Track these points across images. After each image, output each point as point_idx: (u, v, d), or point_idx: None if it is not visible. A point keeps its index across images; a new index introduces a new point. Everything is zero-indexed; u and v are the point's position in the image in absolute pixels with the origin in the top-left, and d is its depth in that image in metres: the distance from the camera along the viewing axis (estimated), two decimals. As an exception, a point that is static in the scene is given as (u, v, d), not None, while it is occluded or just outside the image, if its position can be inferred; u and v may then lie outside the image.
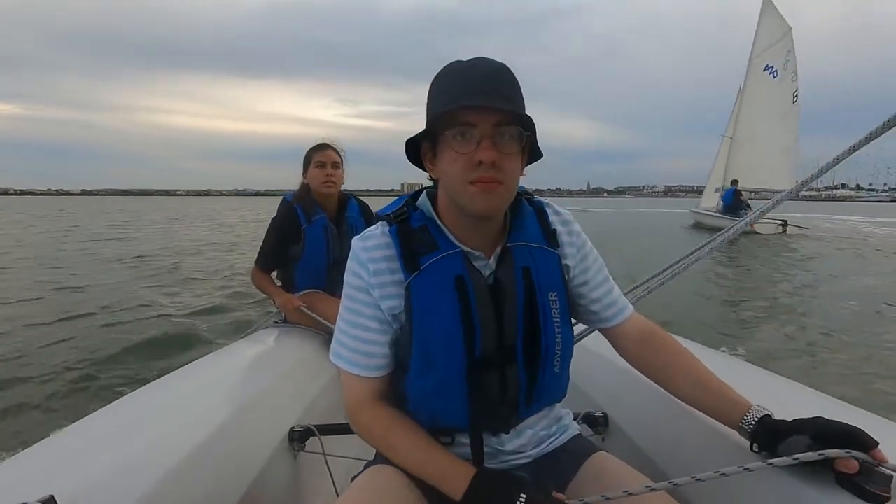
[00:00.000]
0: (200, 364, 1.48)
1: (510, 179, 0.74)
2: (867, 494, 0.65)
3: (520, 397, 0.83)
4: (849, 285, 6.82)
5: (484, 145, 0.71)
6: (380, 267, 0.79)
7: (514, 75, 0.77)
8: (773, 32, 17.18)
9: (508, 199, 0.78)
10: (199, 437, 0.97)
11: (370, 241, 0.81)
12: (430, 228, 0.81)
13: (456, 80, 0.73)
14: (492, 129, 0.71)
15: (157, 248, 11.44)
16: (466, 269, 0.79)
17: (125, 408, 1.10)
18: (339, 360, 0.84)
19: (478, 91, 0.70)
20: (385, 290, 0.80)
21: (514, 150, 0.74)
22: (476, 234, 0.81)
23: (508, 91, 0.73)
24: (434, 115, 0.74)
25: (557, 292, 0.83)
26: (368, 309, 0.81)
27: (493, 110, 0.70)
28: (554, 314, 0.82)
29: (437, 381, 0.80)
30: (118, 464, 0.83)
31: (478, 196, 0.73)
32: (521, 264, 0.81)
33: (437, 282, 0.78)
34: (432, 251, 0.79)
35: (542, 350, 0.81)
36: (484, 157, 0.70)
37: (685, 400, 0.86)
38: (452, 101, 0.71)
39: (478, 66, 0.73)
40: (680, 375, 0.86)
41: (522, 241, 0.83)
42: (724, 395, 0.83)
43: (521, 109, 0.74)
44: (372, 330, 0.81)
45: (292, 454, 1.25)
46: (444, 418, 0.83)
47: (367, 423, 0.83)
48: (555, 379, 0.86)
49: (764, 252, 10.44)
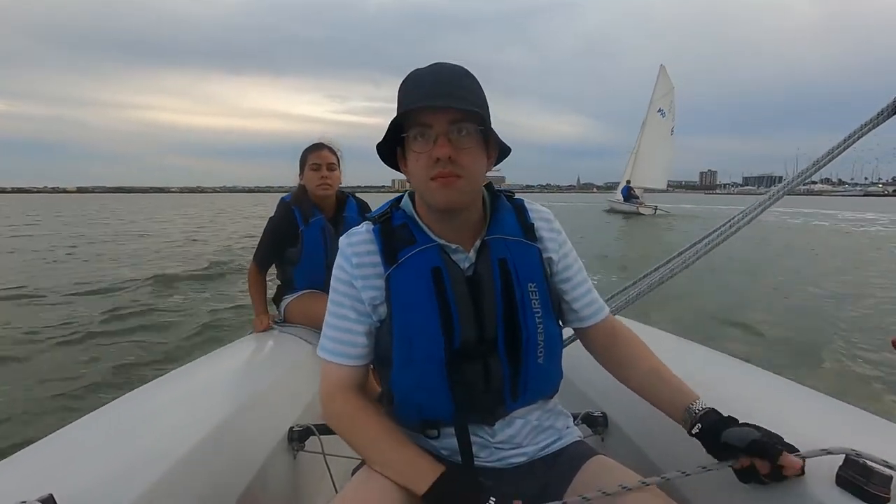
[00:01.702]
0: (199, 364, 1.43)
1: (469, 173, 0.76)
2: (867, 495, 0.63)
3: (504, 388, 0.81)
4: (681, 234, 13.73)
5: (440, 143, 0.73)
6: (363, 261, 0.81)
7: (471, 77, 0.79)
8: (665, 88, 29.00)
9: (470, 192, 0.78)
10: (198, 436, 0.94)
11: (355, 238, 0.83)
12: (410, 225, 0.82)
13: (414, 86, 0.76)
14: (447, 126, 0.74)
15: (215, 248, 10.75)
16: (443, 261, 0.80)
17: (124, 407, 1.06)
18: (322, 350, 0.84)
19: (432, 93, 0.73)
20: (367, 282, 0.81)
21: (470, 146, 0.75)
22: (452, 228, 0.82)
23: (463, 92, 0.75)
24: (394, 120, 0.77)
25: (537, 284, 0.82)
26: (348, 300, 0.82)
27: (447, 109, 0.73)
28: (534, 305, 0.81)
29: (419, 373, 0.79)
30: (117, 463, 0.81)
31: (438, 191, 0.75)
32: (497, 256, 0.81)
33: (414, 273, 0.79)
34: (410, 245, 0.80)
35: (523, 341, 0.80)
36: (440, 154, 0.73)
37: (634, 390, 0.87)
38: (410, 105, 0.74)
39: (433, 71, 0.77)
40: (631, 367, 0.87)
41: (500, 234, 0.83)
42: (671, 383, 0.83)
43: (476, 108, 0.75)
44: (350, 319, 0.82)
45: (291, 454, 1.22)
46: (428, 410, 0.81)
47: (337, 410, 0.81)
48: (541, 371, 0.83)
49: (645, 223, 20.31)
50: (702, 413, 0.77)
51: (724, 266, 7.52)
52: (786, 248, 10.98)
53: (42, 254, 9.91)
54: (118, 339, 4.14)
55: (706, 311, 5.19)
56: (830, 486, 0.67)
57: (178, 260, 8.96)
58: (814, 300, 5.86)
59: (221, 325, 4.58)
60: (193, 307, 5.33)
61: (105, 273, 7.39)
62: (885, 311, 5.32)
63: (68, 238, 13.33)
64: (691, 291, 5.77)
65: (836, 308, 5.39)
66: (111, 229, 16.97)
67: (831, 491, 0.66)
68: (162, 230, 16.61)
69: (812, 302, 5.77)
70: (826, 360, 3.73)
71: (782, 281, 7.05)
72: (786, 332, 4.46)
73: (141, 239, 13.38)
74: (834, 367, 3.62)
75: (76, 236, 13.97)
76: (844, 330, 4.51)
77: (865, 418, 0.86)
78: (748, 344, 4.15)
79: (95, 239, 13.25)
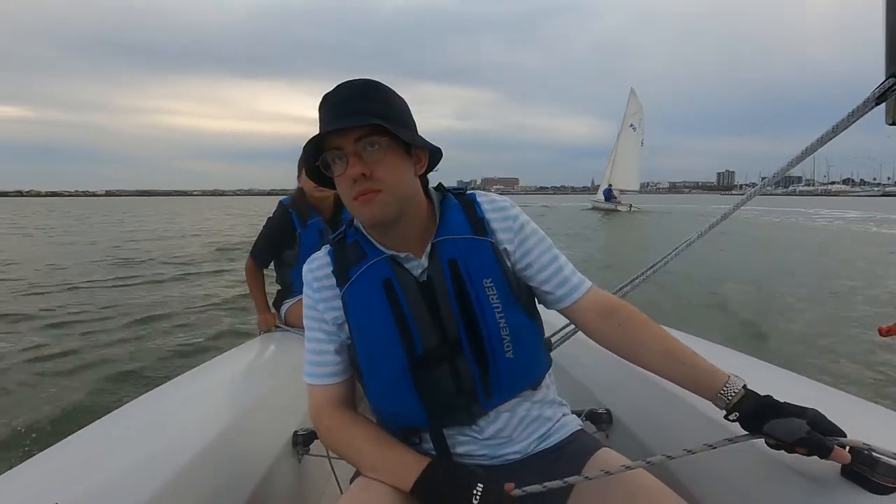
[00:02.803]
0: (203, 369, 1.41)
1: (389, 185, 0.72)
2: (872, 485, 0.62)
3: (476, 387, 0.77)
4: (642, 223, 18.62)
5: (350, 162, 0.71)
6: (322, 284, 0.81)
7: (376, 88, 0.75)
8: (634, 107, 35.54)
9: (393, 203, 0.74)
10: (203, 441, 0.93)
11: (314, 263, 0.83)
12: (361, 241, 0.81)
13: (321, 113, 0.75)
14: (354, 145, 0.71)
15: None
16: (394, 271, 0.77)
17: (128, 414, 1.05)
18: (304, 375, 0.83)
19: (333, 117, 0.72)
20: (327, 304, 0.80)
21: (383, 157, 0.72)
22: (397, 238, 0.78)
23: (365, 107, 0.72)
24: (308, 148, 0.74)
25: (493, 278, 0.78)
26: (316, 322, 0.82)
27: (350, 129, 0.71)
28: (492, 300, 0.77)
29: (385, 384, 0.78)
30: (122, 470, 0.80)
31: (361, 209, 0.73)
32: (447, 257, 0.78)
33: (366, 288, 0.78)
34: (362, 261, 0.79)
35: (486, 338, 0.76)
36: (352, 174, 0.71)
37: (658, 372, 0.78)
38: (320, 132, 0.72)
39: (337, 92, 0.74)
40: (649, 347, 0.78)
41: (448, 234, 0.80)
42: (697, 364, 0.75)
43: (376, 120, 0.71)
44: (321, 341, 0.82)
45: (296, 457, 1.20)
46: (404, 419, 0.79)
47: (325, 428, 0.80)
48: (512, 365, 0.78)
49: (622, 217, 25.79)
50: (737, 399, 0.71)
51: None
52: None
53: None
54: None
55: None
56: (836, 476, 0.65)
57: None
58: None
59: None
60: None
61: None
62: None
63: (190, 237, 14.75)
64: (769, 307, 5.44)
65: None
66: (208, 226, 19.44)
67: (837, 481, 0.65)
68: (231, 228, 18.96)
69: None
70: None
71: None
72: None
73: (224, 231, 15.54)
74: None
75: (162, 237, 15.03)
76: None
77: (868, 408, 0.84)
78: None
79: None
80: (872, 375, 3.39)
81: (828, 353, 3.88)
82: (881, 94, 0.81)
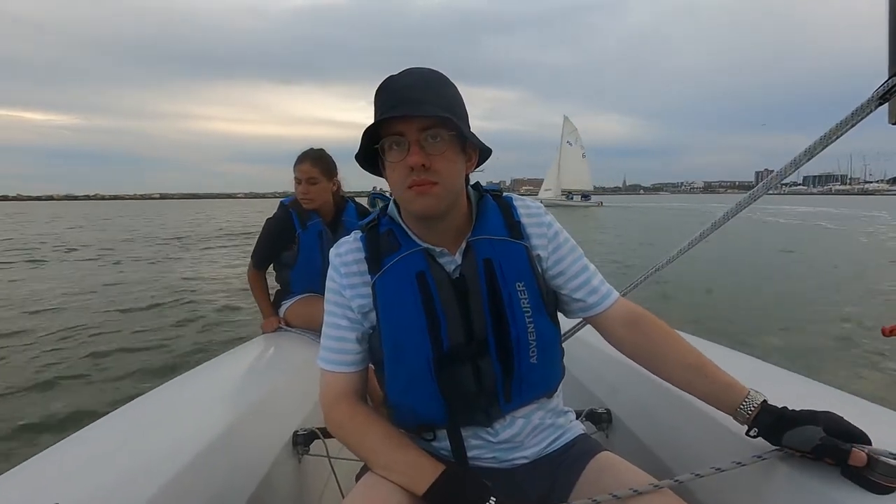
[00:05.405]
0: (203, 369, 1.33)
1: (445, 179, 0.68)
2: (873, 485, 0.59)
3: (497, 389, 0.72)
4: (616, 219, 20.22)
5: (412, 151, 0.67)
6: (350, 270, 0.75)
7: (443, 81, 0.70)
8: (569, 129, 45.46)
9: (447, 198, 0.69)
10: (202, 442, 0.88)
11: (343, 248, 0.77)
12: (395, 231, 0.75)
13: (383, 96, 0.69)
14: (418, 134, 0.67)
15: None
16: (428, 265, 0.73)
17: (128, 415, 0.99)
18: (320, 360, 0.76)
19: (399, 102, 0.67)
20: (355, 290, 0.75)
21: (444, 151, 0.68)
22: (436, 232, 0.73)
23: (432, 97, 0.68)
24: (368, 129, 0.68)
25: (525, 282, 0.74)
26: (340, 309, 0.76)
27: (417, 117, 0.67)
28: (523, 304, 0.73)
29: (408, 376, 0.72)
30: (122, 471, 0.76)
31: (415, 199, 0.69)
32: (482, 257, 0.73)
33: (399, 279, 0.73)
34: (395, 251, 0.74)
35: (513, 341, 0.72)
36: (413, 162, 0.66)
37: (678, 385, 0.74)
38: (381, 115, 0.68)
39: (403, 78, 0.69)
40: (671, 359, 0.74)
41: (484, 234, 0.76)
42: (718, 379, 0.70)
43: (446, 113, 0.66)
44: (342, 328, 0.75)
45: (297, 458, 1.15)
46: (422, 413, 0.73)
47: (338, 418, 0.74)
48: (534, 370, 0.73)
49: (593, 212, 30.27)
50: (755, 414, 0.67)
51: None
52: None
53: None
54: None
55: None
56: (836, 476, 0.62)
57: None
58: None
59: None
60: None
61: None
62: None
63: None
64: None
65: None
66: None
67: (836, 481, 0.62)
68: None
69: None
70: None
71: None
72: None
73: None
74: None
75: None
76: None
77: (869, 407, 0.79)
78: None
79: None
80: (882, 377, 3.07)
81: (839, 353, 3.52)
82: (884, 93, 0.78)
